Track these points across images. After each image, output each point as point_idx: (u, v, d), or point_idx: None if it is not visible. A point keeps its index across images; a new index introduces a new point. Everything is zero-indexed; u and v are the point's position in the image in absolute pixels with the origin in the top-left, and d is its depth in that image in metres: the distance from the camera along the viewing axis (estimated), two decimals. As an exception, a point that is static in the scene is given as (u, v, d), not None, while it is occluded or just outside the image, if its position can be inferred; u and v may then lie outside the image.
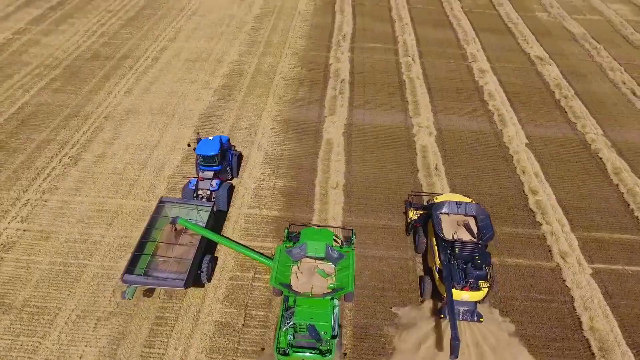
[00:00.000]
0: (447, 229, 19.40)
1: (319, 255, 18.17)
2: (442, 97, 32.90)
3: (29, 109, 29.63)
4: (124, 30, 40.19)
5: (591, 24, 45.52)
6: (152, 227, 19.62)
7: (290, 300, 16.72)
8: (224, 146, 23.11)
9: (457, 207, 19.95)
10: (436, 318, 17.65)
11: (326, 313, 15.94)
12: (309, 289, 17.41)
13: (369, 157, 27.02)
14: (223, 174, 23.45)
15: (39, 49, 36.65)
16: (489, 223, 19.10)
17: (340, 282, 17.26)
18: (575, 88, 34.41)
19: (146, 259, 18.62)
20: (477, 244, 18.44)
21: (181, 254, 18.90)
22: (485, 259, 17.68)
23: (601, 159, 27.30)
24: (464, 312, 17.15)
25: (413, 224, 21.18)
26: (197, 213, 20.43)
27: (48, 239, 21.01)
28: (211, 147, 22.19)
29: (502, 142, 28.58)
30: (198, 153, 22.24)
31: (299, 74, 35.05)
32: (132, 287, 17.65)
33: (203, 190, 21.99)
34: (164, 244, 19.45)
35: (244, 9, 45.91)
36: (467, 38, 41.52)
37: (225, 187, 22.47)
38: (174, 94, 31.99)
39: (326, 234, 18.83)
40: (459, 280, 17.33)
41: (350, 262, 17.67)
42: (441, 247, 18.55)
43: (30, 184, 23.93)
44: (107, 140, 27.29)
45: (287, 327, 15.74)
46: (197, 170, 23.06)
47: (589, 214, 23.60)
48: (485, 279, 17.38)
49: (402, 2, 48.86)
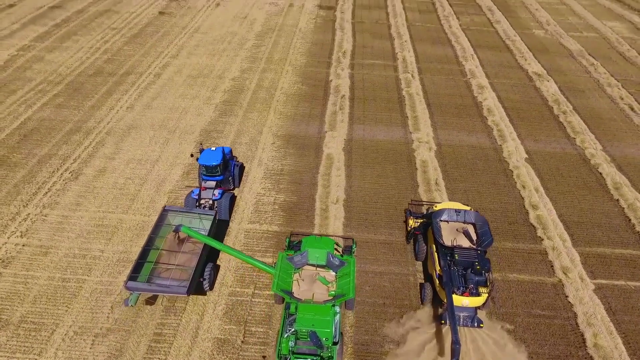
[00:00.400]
0: (446, 236, 19.64)
1: (320, 262, 18.36)
2: (442, 113, 33.15)
3: (31, 124, 29.86)
4: (127, 47, 40.77)
5: (588, 41, 46.18)
6: (155, 235, 19.83)
7: (292, 308, 16.84)
8: (226, 157, 23.42)
9: (456, 214, 20.27)
10: (436, 323, 17.78)
11: (327, 320, 16.05)
12: (310, 296, 17.56)
13: (369, 172, 27.08)
14: (225, 184, 23.77)
15: (42, 65, 37.12)
16: (487, 230, 19.32)
17: (341, 289, 17.43)
18: (573, 104, 34.70)
19: (149, 266, 18.81)
20: (477, 250, 18.69)
21: (184, 262, 19.10)
22: (485, 265, 17.91)
23: (601, 173, 27.35)
24: (464, 318, 17.28)
25: (413, 232, 21.45)
26: (199, 221, 20.69)
27: (47, 254, 20.91)
28: (214, 157, 22.57)
29: (502, 157, 28.69)
30: (201, 163, 22.55)
31: (299, 90, 35.40)
32: (135, 294, 17.73)
33: (205, 199, 22.34)
34: (167, 252, 19.64)
35: (245, 26, 46.66)
36: (465, 55, 42.07)
37: (227, 197, 22.81)
38: (175, 109, 32.27)
39: (327, 242, 19.06)
40: (459, 285, 17.47)
41: (351, 269, 17.87)
42: (441, 253, 18.73)
43: (31, 198, 23.94)
44: (108, 155, 27.41)
45: (289, 334, 15.81)
46: (200, 180, 23.30)
47: (590, 229, 23.52)
48: (484, 284, 17.50)
49: (401, 20, 49.67)
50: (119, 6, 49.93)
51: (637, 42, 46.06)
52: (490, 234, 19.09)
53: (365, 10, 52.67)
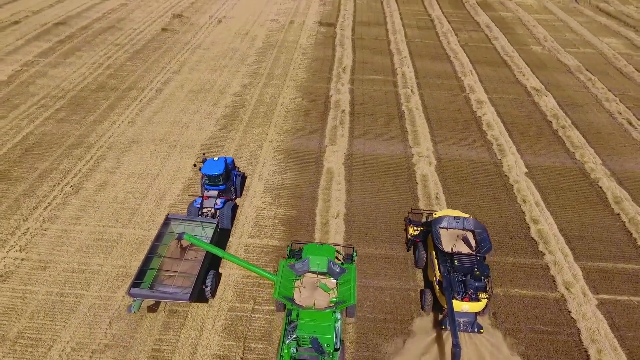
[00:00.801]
0: (446, 243, 20.01)
1: (321, 270, 18.53)
2: (441, 127, 33.35)
3: (33, 139, 30.03)
4: (129, 63, 41.28)
5: (585, 56, 46.75)
6: (158, 243, 20.01)
7: (293, 314, 17.03)
8: (228, 167, 23.74)
9: (455, 221, 20.67)
10: (437, 329, 18.03)
11: (329, 326, 16.24)
12: (311, 302, 17.72)
13: (370, 186, 27.11)
14: (227, 193, 24.14)
15: (46, 80, 37.53)
16: (486, 237, 19.60)
17: (342, 296, 17.60)
18: (572, 118, 34.94)
19: (152, 273, 18.97)
20: (476, 256, 19.03)
21: (186, 270, 19.30)
22: (484, 271, 18.22)
23: (601, 188, 27.36)
24: (465, 323, 17.50)
25: (413, 240, 21.78)
26: (202, 230, 20.99)
27: (46, 268, 20.79)
28: (216, 167, 22.92)
29: (502, 171, 28.75)
30: (204, 172, 22.87)
31: (300, 105, 35.69)
32: (137, 300, 17.82)
33: (208, 208, 22.66)
34: (170, 259, 19.84)
35: (247, 42, 47.30)
36: (464, 70, 42.54)
37: (230, 206, 23.18)
38: (176, 124, 32.49)
39: (328, 250, 19.25)
40: (459, 291, 17.76)
41: (352, 276, 18.08)
42: (441, 259, 19.01)
43: (31, 212, 23.92)
44: (109, 170, 27.49)
45: (290, 340, 15.97)
46: (202, 189, 23.59)
47: (591, 243, 23.42)
48: (484, 290, 17.76)
49: (401, 37, 50.37)
50: (123, 23, 50.73)
51: (634, 58, 46.62)
52: (489, 240, 19.38)
53: (365, 27, 53.48)
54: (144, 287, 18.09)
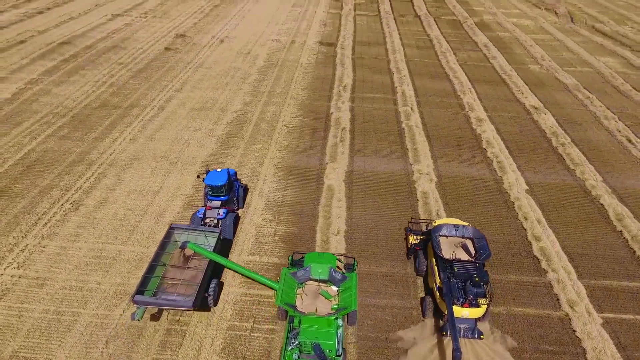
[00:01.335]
0: (445, 250, 20.42)
1: (323, 277, 19.02)
2: (441, 145, 33.48)
3: (34, 156, 30.14)
4: (132, 81, 41.78)
5: (582, 75, 47.28)
6: (162, 251, 20.34)
7: (295, 321, 17.33)
8: (231, 178, 24.11)
9: (455, 229, 21.12)
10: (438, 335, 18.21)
11: (331, 332, 16.57)
12: (313, 309, 18.12)
13: (370, 203, 27.04)
14: (230, 204, 24.43)
15: (49, 98, 37.92)
16: (485, 244, 19.94)
17: (344, 302, 18.02)
18: (571, 136, 35.09)
19: (156, 281, 19.27)
20: (475, 263, 19.35)
21: (189, 278, 19.56)
22: (484, 277, 18.51)
23: (602, 205, 27.26)
24: (465, 329, 17.75)
25: (413, 248, 22.16)
26: (205, 239, 21.34)
27: (43, 286, 20.57)
28: (219, 178, 23.26)
29: (503, 188, 28.71)
30: (207, 183, 23.17)
31: (300, 123, 35.94)
32: (141, 308, 17.91)
33: (210, 218, 22.97)
34: (173, 268, 20.15)
35: (248, 61, 47.97)
36: (463, 88, 42.98)
37: (232, 216, 23.56)
38: (178, 141, 32.65)
39: (329, 258, 19.73)
40: (459, 297, 18.07)
41: (353, 283, 18.55)
42: (441, 266, 19.30)
43: (30, 229, 23.81)
44: (110, 186, 27.49)
45: (293, 347, 16.25)
46: (205, 200, 23.93)
47: (594, 261, 23.20)
48: (484, 296, 18.04)
49: (400, 56, 51.09)
50: (127, 42, 51.57)
51: (631, 77, 47.14)
52: (488, 247, 19.67)
53: (365, 46, 54.31)
54: (147, 295, 18.30)
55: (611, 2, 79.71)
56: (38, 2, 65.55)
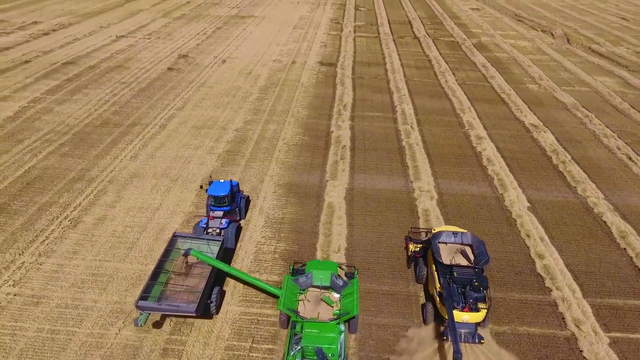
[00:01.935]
0: (445, 256, 20.84)
1: (325, 283, 19.38)
2: (442, 163, 33.48)
3: (35, 173, 30.13)
4: (134, 100, 42.17)
5: (580, 94, 47.72)
6: (165, 259, 20.61)
7: (298, 327, 17.59)
8: (233, 189, 24.59)
9: (454, 236, 21.57)
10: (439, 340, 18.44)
11: (333, 337, 16.82)
12: (315, 315, 18.34)
13: (371, 220, 26.83)
14: (232, 214, 24.86)
15: (51, 116, 38.20)
16: (484, 250, 20.25)
17: (346, 308, 18.34)
18: (571, 153, 35.12)
19: (159, 288, 19.46)
20: (474, 268, 19.70)
21: (192, 286, 19.63)
22: (483, 282, 18.83)
23: (605, 222, 27.03)
24: (466, 334, 17.96)
25: (414, 256, 22.51)
26: (207, 247, 21.63)
27: (38, 304, 20.20)
28: (222, 188, 23.83)
29: (504, 205, 28.54)
30: (210, 193, 23.63)
31: (301, 141, 36.05)
32: (144, 314, 18.06)
33: (213, 228, 23.39)
34: (175, 276, 20.32)
35: (250, 81, 48.53)
36: (462, 107, 43.30)
37: (234, 226, 23.96)
38: (178, 158, 32.69)
39: (330, 265, 20.17)
40: (459, 301, 18.38)
41: (354, 288, 18.89)
42: (440, 271, 19.68)
43: (27, 246, 23.56)
44: (109, 204, 27.35)
45: (295, 352, 16.45)
46: (208, 210, 24.35)
47: (599, 279, 22.82)
48: (483, 301, 18.34)
49: (400, 76, 51.71)
50: (130, 62, 52.33)
51: (629, 96, 47.55)
52: (487, 253, 20.00)
53: (364, 66, 55.04)
54: (151, 300, 18.44)
55: (606, 24, 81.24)
56: (44, 24, 66.90)
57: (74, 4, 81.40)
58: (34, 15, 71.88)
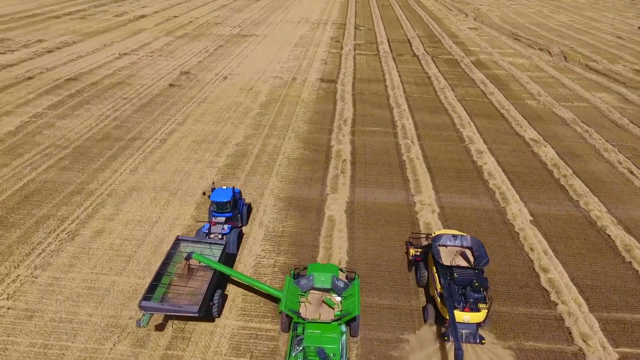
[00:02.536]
0: (445, 258, 21.18)
1: (326, 286, 19.62)
2: (443, 176, 33.33)
3: (33, 186, 29.96)
4: (135, 115, 42.34)
5: (579, 110, 47.95)
6: (169, 261, 20.87)
7: (299, 329, 17.75)
8: (235, 196, 25.02)
9: (454, 239, 21.99)
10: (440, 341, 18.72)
11: (335, 337, 16.98)
12: (317, 317, 18.47)
13: (372, 234, 26.52)
14: (234, 220, 25.04)
15: (52, 130, 38.28)
16: (483, 252, 20.66)
17: (347, 309, 18.50)
18: (572, 168, 35.01)
19: (161, 290, 19.53)
20: (474, 269, 20.05)
21: (194, 289, 19.72)
22: (483, 283, 19.12)
23: (609, 236, 26.70)
24: (467, 334, 18.18)
25: (414, 259, 22.76)
26: (210, 251, 21.86)
27: (32, 317, 19.72)
28: (224, 195, 24.32)
29: (507, 219, 28.25)
30: (212, 199, 24.11)
31: (301, 155, 36.01)
32: (147, 314, 18.12)
33: (215, 234, 23.63)
34: (177, 279, 20.39)
35: (250, 97, 48.87)
36: (462, 122, 43.44)
37: (236, 232, 24.20)
38: (178, 172, 32.57)
39: (331, 268, 20.51)
40: (459, 300, 18.62)
41: (355, 289, 19.12)
42: (441, 272, 20.01)
43: (23, 259, 23.19)
44: (107, 217, 27.08)
45: (297, 352, 16.57)
46: (210, 216, 24.70)
47: (605, 292, 22.36)
48: (483, 301, 18.59)
49: (399, 92, 52.11)
50: (132, 79, 52.81)
51: (627, 111, 47.78)
52: (486, 255, 20.37)
53: (364, 83, 55.54)
54: (154, 301, 18.55)
55: (602, 42, 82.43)
56: (48, 42, 67.87)
57: (78, 24, 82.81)
58: (39, 34, 73.03)
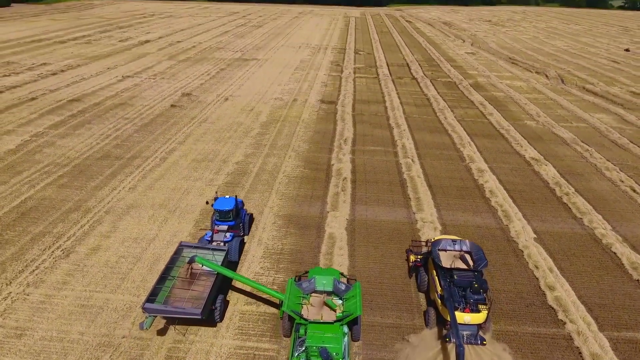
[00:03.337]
0: (445, 262, 21.43)
1: (327, 288, 19.96)
2: (444, 194, 33.04)
3: (31, 203, 29.65)
4: (136, 134, 42.46)
5: (579, 130, 48.09)
6: (172, 265, 21.12)
7: (301, 331, 17.91)
8: (238, 205, 25.38)
9: (453, 243, 22.39)
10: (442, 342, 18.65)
11: (337, 337, 17.24)
12: (319, 318, 18.66)
13: (373, 251, 26.01)
14: (236, 229, 25.24)
15: (53, 149, 38.27)
16: (482, 255, 21.05)
17: (349, 309, 18.67)
18: (575, 186, 34.74)
19: (164, 294, 19.64)
20: (474, 271, 20.44)
21: (196, 294, 19.80)
22: (482, 284, 19.44)
23: (615, 253, 26.17)
24: (468, 336, 18.29)
25: (415, 265, 23.08)
26: (212, 256, 22.03)
27: (21, 336, 19.04)
28: (227, 203, 24.68)
29: (510, 236, 27.77)
30: (215, 208, 24.46)
31: (302, 173, 35.84)
32: (150, 317, 18.22)
33: (217, 242, 23.86)
34: (180, 284, 20.51)
35: (251, 117, 49.16)
36: (462, 142, 43.48)
37: (238, 240, 24.50)
38: (177, 190, 32.31)
39: (333, 272, 20.84)
40: (459, 301, 18.90)
41: (357, 291, 19.34)
42: (441, 275, 20.35)
43: (16, 276, 22.64)
44: (104, 234, 26.65)
45: (299, 353, 16.69)
46: (212, 225, 25.00)
47: (614, 311, 21.68)
48: (484, 302, 18.88)
49: (399, 113, 52.47)
50: (134, 100, 53.31)
51: (627, 131, 47.90)
52: (485, 258, 20.83)
53: (364, 104, 56.00)
54: (157, 303, 18.72)
55: (598, 66, 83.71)
56: (53, 66, 68.98)
57: (83, 48, 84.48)
58: (44, 58, 74.36)
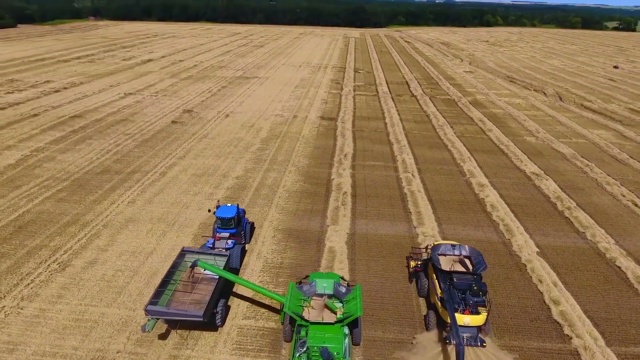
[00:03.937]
0: (444, 266, 21.69)
1: (328, 291, 20.20)
2: (445, 209, 32.81)
3: (28, 217, 29.41)
4: (137, 150, 42.52)
5: (578, 145, 48.19)
6: (175, 269, 21.39)
7: (302, 332, 18.05)
8: (240, 213, 25.81)
9: (453, 248, 22.69)
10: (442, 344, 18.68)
11: (338, 337, 17.45)
12: (320, 319, 18.76)
13: (374, 265, 25.64)
14: (237, 237, 25.56)
15: (53, 164, 38.24)
16: (481, 259, 21.35)
17: (349, 310, 18.81)
18: (576, 200, 34.54)
19: (165, 298, 19.83)
20: (473, 274, 20.74)
21: (198, 299, 19.97)
22: (482, 287, 19.75)
23: (619, 267, 25.78)
24: (468, 338, 18.30)
25: (415, 270, 23.35)
26: (214, 261, 22.35)
27: (13, 351, 18.55)
28: (229, 211, 25.07)
29: (512, 251, 27.43)
30: (217, 216, 24.87)
31: (301, 188, 35.70)
32: (152, 319, 18.35)
33: (219, 249, 23.95)
34: (182, 288, 20.71)
35: (252, 133, 49.36)
36: (462, 157, 43.50)
37: (239, 247, 24.77)
38: (176, 204, 32.11)
39: (333, 276, 21.07)
40: (459, 303, 19.13)
41: (357, 293, 19.49)
42: (441, 278, 20.70)
43: (10, 290, 22.24)
44: (102, 247, 26.34)
45: (300, 354, 16.75)
46: (214, 232, 25.41)
47: (621, 326, 21.18)
48: (483, 305, 19.11)
49: (399, 129, 52.70)
50: (135, 116, 53.64)
51: (626, 147, 47.98)
52: (484, 262, 21.12)
53: (364, 120, 56.32)
54: (160, 305, 18.89)
55: (595, 84, 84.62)
56: (56, 83, 69.76)
57: (86, 67, 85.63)
58: (47, 76, 75.27)
